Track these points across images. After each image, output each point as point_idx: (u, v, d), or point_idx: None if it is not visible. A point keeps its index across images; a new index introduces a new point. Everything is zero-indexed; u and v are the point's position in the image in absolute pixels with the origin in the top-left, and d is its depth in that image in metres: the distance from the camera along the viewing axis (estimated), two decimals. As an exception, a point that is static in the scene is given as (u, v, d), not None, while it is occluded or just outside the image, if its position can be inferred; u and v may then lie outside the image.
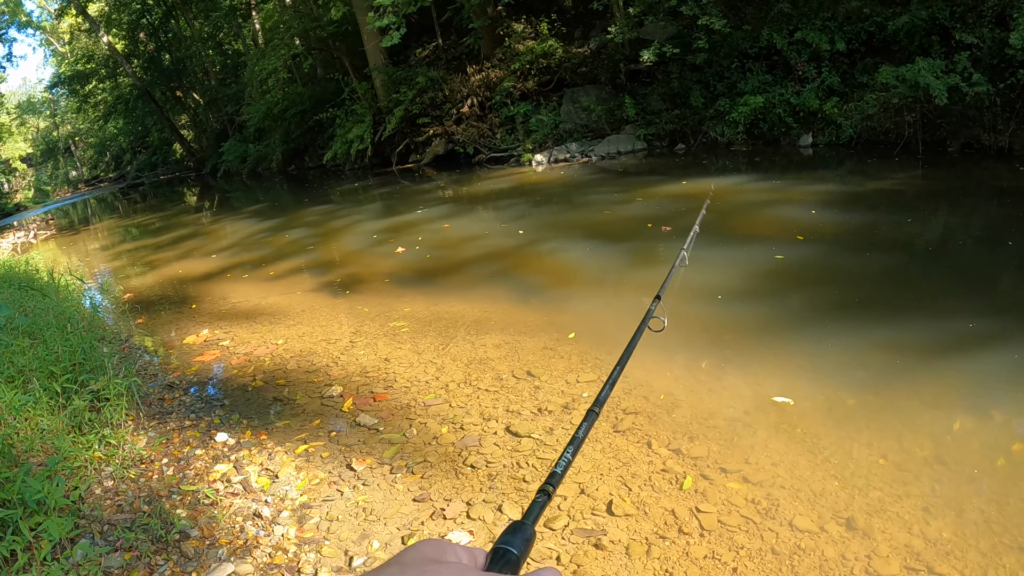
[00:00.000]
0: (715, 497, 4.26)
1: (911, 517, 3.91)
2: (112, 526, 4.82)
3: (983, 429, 4.73)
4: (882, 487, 4.17)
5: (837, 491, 4.18)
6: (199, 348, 8.83)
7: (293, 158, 35.84)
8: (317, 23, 28.84)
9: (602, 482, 4.55)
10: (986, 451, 4.47)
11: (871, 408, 5.06)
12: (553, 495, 1.01)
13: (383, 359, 7.30)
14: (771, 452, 4.62)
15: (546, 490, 1.01)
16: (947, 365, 5.65)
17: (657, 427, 5.11)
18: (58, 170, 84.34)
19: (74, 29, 54.01)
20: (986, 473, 4.27)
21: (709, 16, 17.66)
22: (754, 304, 7.51)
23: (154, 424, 6.53)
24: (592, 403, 1.30)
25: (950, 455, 4.44)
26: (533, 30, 24.33)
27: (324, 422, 6.08)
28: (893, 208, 10.83)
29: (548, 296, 8.89)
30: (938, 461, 4.38)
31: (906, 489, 4.14)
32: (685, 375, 5.92)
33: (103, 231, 28.01)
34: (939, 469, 4.31)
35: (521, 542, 0.85)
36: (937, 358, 5.77)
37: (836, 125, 16.05)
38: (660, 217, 11.91)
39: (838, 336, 6.37)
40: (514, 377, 6.35)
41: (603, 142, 20.72)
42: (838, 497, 4.12)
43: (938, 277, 7.77)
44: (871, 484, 4.21)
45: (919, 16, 14.90)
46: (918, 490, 4.13)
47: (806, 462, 4.48)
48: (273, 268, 12.96)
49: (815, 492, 4.19)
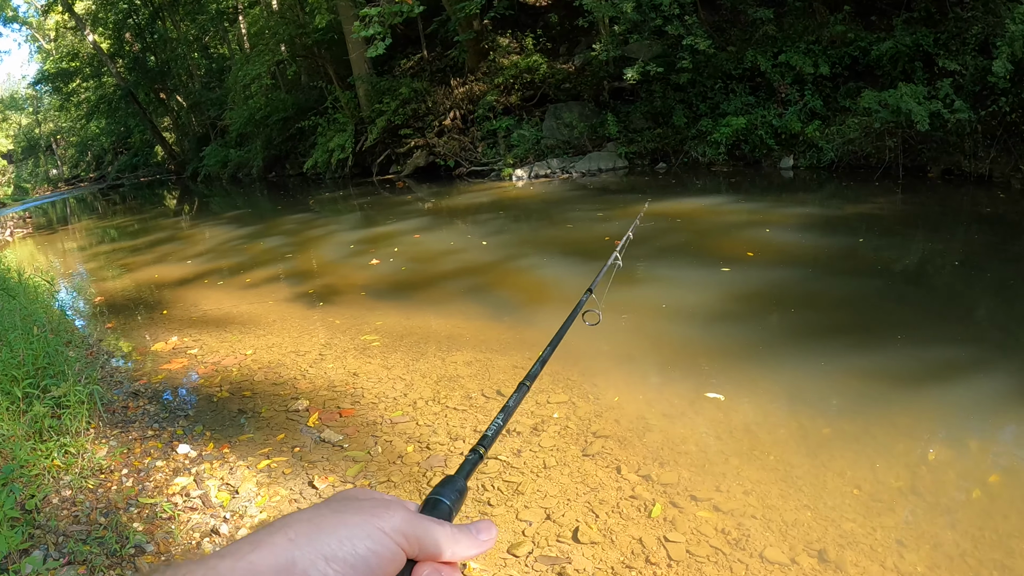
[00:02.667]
0: (684, 526, 4.16)
1: (884, 550, 3.82)
2: (67, 537, 4.68)
3: (959, 459, 4.65)
4: (855, 518, 4.08)
5: (810, 522, 4.08)
6: (167, 355, 8.67)
7: (274, 165, 35.64)
8: (303, 30, 28.71)
9: (569, 508, 4.43)
10: (962, 482, 4.40)
11: (846, 436, 4.97)
12: (484, 456, 1.02)
13: (352, 373, 7.17)
14: (743, 480, 4.52)
15: (477, 450, 1.01)
16: (923, 393, 5.59)
17: (628, 452, 5.00)
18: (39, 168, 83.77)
19: (60, 26, 53.64)
20: (961, 505, 4.19)
21: (694, 36, 17.68)
22: (730, 327, 7.42)
23: (116, 433, 6.37)
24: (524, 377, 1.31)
25: (925, 486, 4.36)
26: (518, 45, 24.34)
27: (288, 437, 5.94)
28: (872, 233, 10.79)
29: (522, 314, 8.78)
30: (913, 492, 4.30)
31: (880, 520, 4.05)
32: (658, 399, 5.82)
33: (80, 231, 27.75)
34: (914, 500, 4.23)
35: (452, 492, 0.85)
36: (913, 386, 5.70)
37: (817, 148, 16.07)
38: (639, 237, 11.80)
39: (814, 362, 6.29)
40: (483, 396, 6.23)
41: (584, 159, 20.68)
42: (810, 528, 4.03)
43: (915, 304, 7.71)
44: (844, 515, 4.11)
45: (903, 42, 14.96)
46: (892, 521, 4.04)
47: (778, 491, 4.38)
48: (247, 276, 12.80)
49: (787, 522, 4.09)
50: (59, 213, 39.36)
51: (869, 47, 16.01)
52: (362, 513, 0.71)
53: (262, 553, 0.66)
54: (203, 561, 0.65)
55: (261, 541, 0.67)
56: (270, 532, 0.69)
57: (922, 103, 13.17)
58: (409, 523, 0.73)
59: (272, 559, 0.65)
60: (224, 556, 0.66)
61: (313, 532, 0.68)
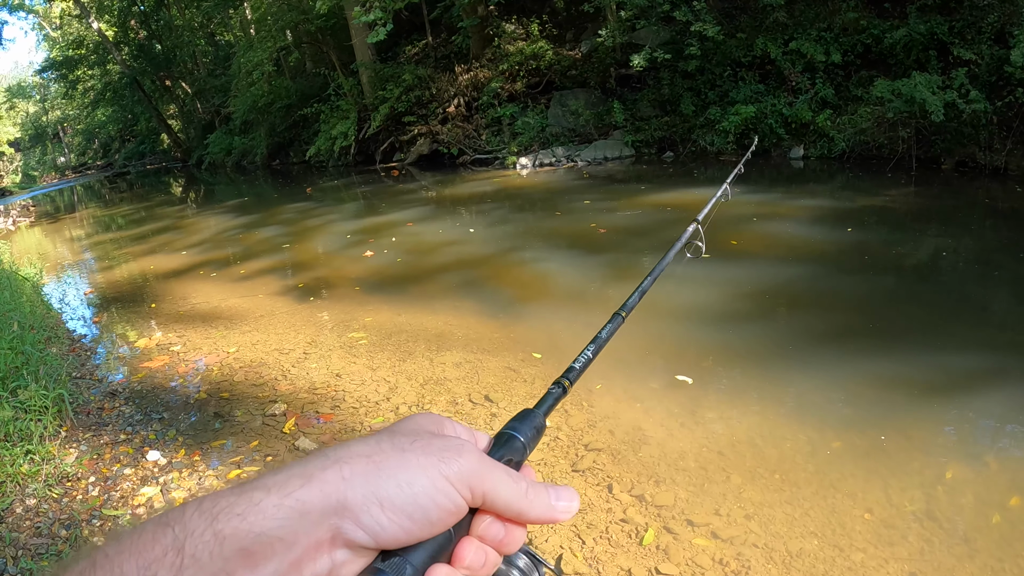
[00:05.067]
0: (678, 555, 3.79)
1: (897, 586, 3.47)
2: (27, 551, 4.40)
3: (977, 479, 4.29)
4: (866, 548, 3.72)
5: (816, 552, 3.72)
6: (150, 352, 8.36)
7: (277, 152, 35.41)
8: (305, 16, 28.39)
9: (553, 531, 4.07)
10: (981, 506, 4.04)
11: (857, 451, 4.60)
12: (569, 390, 0.95)
13: (335, 374, 6.83)
14: (745, 502, 4.15)
15: (562, 383, 0.94)
16: (939, 404, 5.19)
17: (621, 468, 4.63)
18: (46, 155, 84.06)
19: (65, 14, 53.51)
20: (980, 532, 3.82)
21: (702, 22, 17.32)
22: (735, 328, 7.04)
23: (88, 436, 6.08)
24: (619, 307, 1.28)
25: (941, 510, 3.99)
26: (524, 31, 23.99)
27: (262, 444, 5.60)
28: (884, 227, 10.41)
29: (518, 311, 8.41)
30: (928, 517, 3.93)
31: (892, 551, 3.69)
32: (657, 406, 5.43)
33: (83, 219, 27.57)
34: (929, 527, 3.86)
35: (530, 429, 0.79)
36: (927, 395, 5.31)
37: (828, 138, 15.70)
38: (643, 228, 11.50)
39: (823, 367, 5.91)
40: (471, 402, 5.88)
41: (590, 147, 20.32)
42: (817, 559, 3.66)
43: (930, 304, 7.30)
44: (854, 544, 3.75)
45: (917, 30, 14.58)
46: (906, 551, 3.68)
47: (783, 515, 4.01)
48: (241, 267, 12.50)
49: (791, 552, 3.73)
50: (65, 201, 39.29)
51: (882, 35, 15.62)
52: (428, 454, 0.64)
53: (311, 490, 0.59)
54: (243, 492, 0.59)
55: (312, 476, 0.60)
56: (322, 465, 0.61)
57: (936, 93, 12.82)
58: (478, 472, 0.65)
59: (321, 498, 0.59)
60: (270, 490, 0.59)
61: (371, 472, 0.61)
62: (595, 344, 1.09)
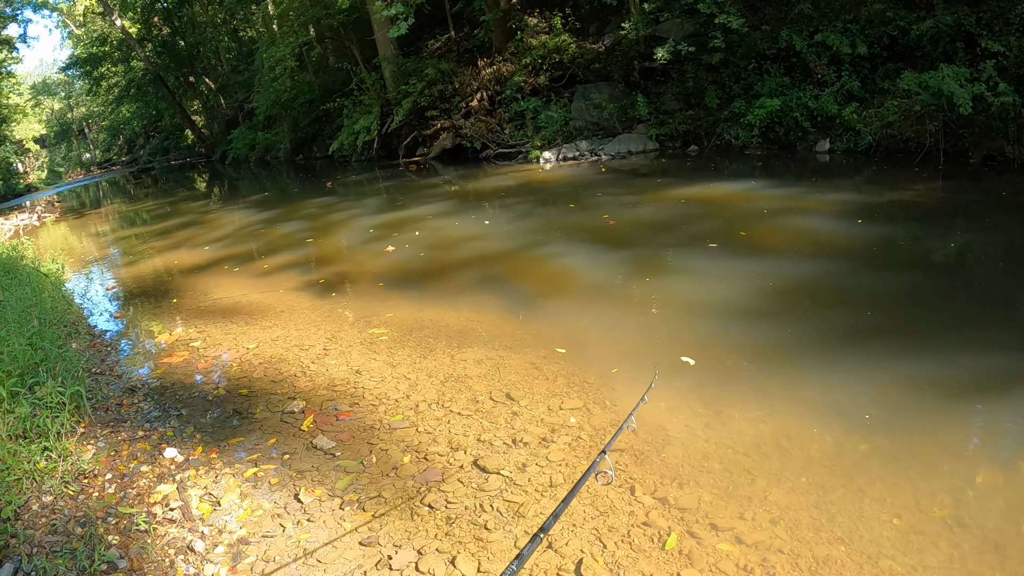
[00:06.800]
0: (702, 561, 3.69)
1: (927, 595, 3.36)
2: (42, 548, 4.35)
3: (1008, 484, 4.15)
4: (894, 555, 3.61)
5: (843, 559, 3.61)
6: (169, 348, 8.33)
7: (301, 147, 35.49)
8: (328, 11, 28.35)
9: (573, 535, 3.98)
10: (1011, 512, 3.91)
11: (884, 454, 4.47)
12: None
13: (354, 371, 6.76)
14: (770, 506, 4.04)
15: None
16: (968, 406, 5.04)
17: (643, 469, 4.53)
18: (71, 152, 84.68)
19: (89, 11, 53.78)
20: (1011, 538, 3.70)
21: (727, 15, 17.14)
22: (760, 325, 6.90)
23: (106, 433, 6.03)
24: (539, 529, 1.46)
25: (971, 516, 3.87)
26: (546, 24, 23.85)
27: (280, 442, 5.54)
28: (911, 222, 10.21)
29: (540, 307, 8.31)
30: (958, 523, 3.81)
31: (921, 558, 3.58)
32: (681, 406, 5.32)
33: (108, 215, 27.72)
34: (959, 533, 3.74)
35: None
36: (956, 396, 5.16)
37: (855, 132, 15.48)
38: (667, 223, 11.37)
39: (850, 367, 5.77)
40: (491, 399, 5.79)
41: (614, 141, 20.16)
42: (844, 567, 3.56)
43: (960, 303, 7.11)
44: (882, 551, 3.64)
45: (944, 22, 14.35)
46: (935, 559, 3.57)
47: (809, 520, 3.90)
48: (263, 263, 12.47)
49: (817, 559, 3.62)
50: (90, 196, 39.56)
51: (908, 26, 15.38)
52: None
53: None
54: None
55: None
56: None
57: (964, 85, 12.60)
58: None
59: None
60: None
61: None
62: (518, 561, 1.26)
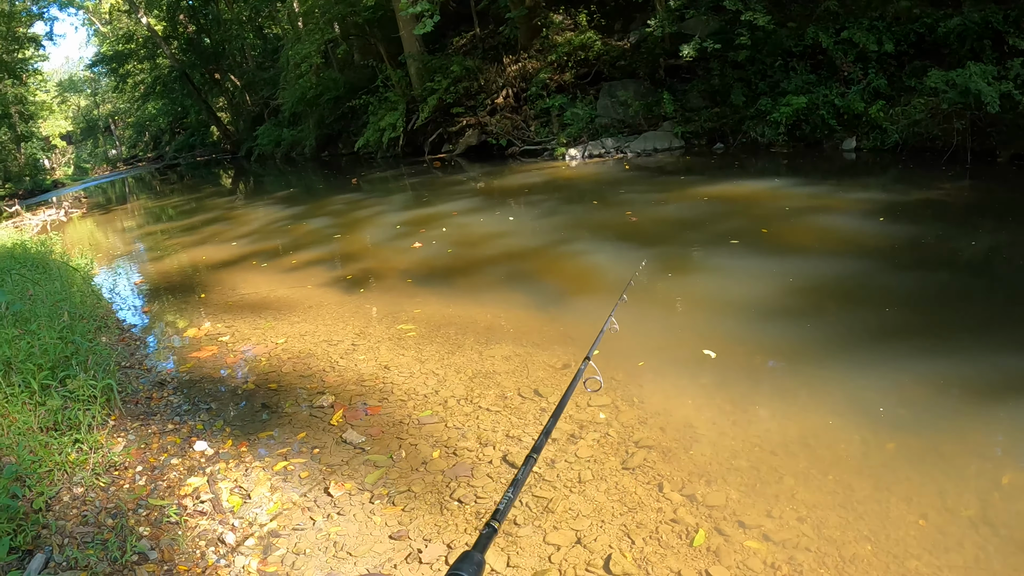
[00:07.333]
0: (729, 558, 3.71)
1: (953, 595, 3.36)
2: (73, 539, 4.41)
3: (1037, 485, 4.14)
4: (920, 555, 3.61)
5: (870, 558, 3.61)
6: (198, 342, 8.41)
7: (326, 144, 35.61)
8: (353, 8, 28.44)
9: (602, 531, 4.01)
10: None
11: (911, 454, 4.47)
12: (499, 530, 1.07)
13: (383, 366, 6.81)
14: (797, 504, 4.05)
15: (492, 525, 1.08)
16: (995, 407, 5.01)
17: (672, 466, 4.55)
18: (97, 148, 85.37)
19: (114, 9, 54.14)
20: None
21: (753, 12, 17.05)
22: (787, 323, 6.89)
23: (136, 426, 6.11)
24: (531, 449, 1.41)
25: (998, 516, 3.86)
26: (572, 21, 23.84)
27: (310, 436, 5.59)
28: (939, 221, 10.14)
29: (567, 304, 8.34)
30: (985, 523, 3.80)
31: (947, 558, 3.58)
32: (707, 404, 5.33)
33: (134, 210, 27.94)
34: (985, 534, 3.73)
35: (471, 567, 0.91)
36: (984, 398, 5.12)
37: (881, 130, 15.38)
38: (694, 221, 11.36)
39: (876, 365, 5.74)
40: (520, 396, 5.82)
41: (639, 138, 20.12)
42: (870, 566, 3.56)
43: (986, 303, 7.06)
44: (908, 551, 3.64)
45: (971, 19, 14.24)
46: (960, 560, 3.57)
47: (836, 519, 3.91)
48: (289, 259, 12.56)
49: (844, 558, 3.63)
50: (117, 192, 39.88)
51: (935, 24, 15.26)
52: None
53: None
54: None
55: None
56: None
57: (992, 84, 12.51)
58: None
59: None
60: None
61: None
62: (514, 487, 1.22)
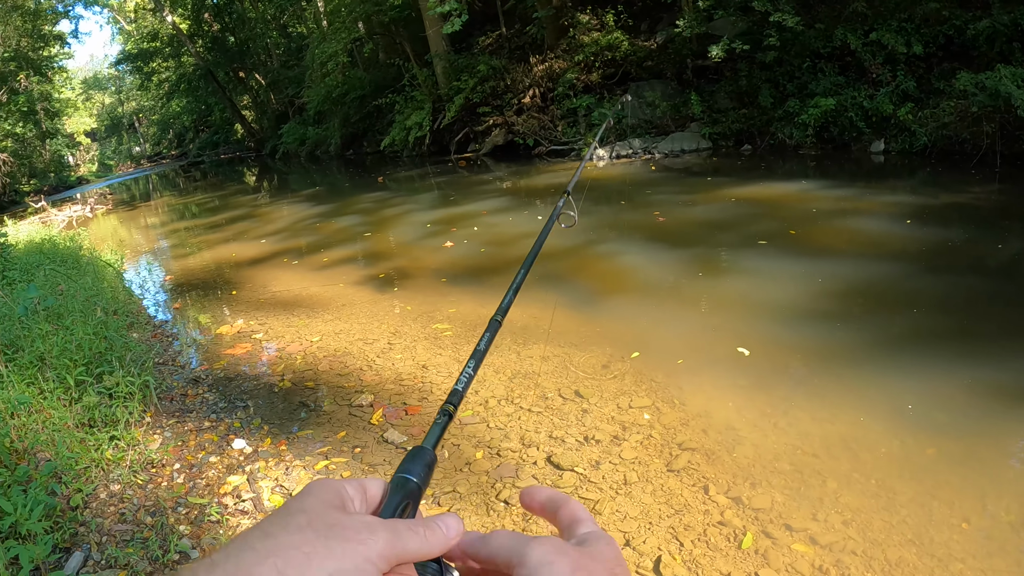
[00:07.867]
0: (778, 561, 3.72)
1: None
2: (111, 537, 4.44)
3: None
4: (964, 558, 3.61)
5: (915, 561, 3.62)
6: (231, 340, 8.47)
7: (351, 143, 35.73)
8: (379, 7, 28.52)
9: (650, 533, 4.03)
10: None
11: (952, 458, 4.47)
12: (454, 415, 0.97)
13: (421, 365, 6.84)
14: (842, 508, 4.06)
15: (447, 410, 0.96)
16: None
17: (716, 469, 4.56)
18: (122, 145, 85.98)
19: (139, 8, 54.48)
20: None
21: (781, 13, 16.99)
22: (822, 326, 6.87)
23: (172, 423, 6.17)
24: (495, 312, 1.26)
25: (1038, 521, 3.86)
26: (599, 21, 23.79)
27: (350, 435, 5.63)
28: (970, 225, 10.06)
29: (602, 304, 8.34)
30: (1026, 527, 3.81)
31: (991, 562, 3.58)
32: (748, 406, 5.34)
33: (159, 207, 28.10)
34: (1027, 538, 3.75)
35: (421, 468, 0.82)
36: (1019, 402, 5.10)
37: (910, 132, 15.30)
38: (724, 222, 11.34)
39: (914, 370, 5.72)
40: (561, 397, 5.83)
41: (667, 139, 20.09)
42: (916, 570, 3.57)
43: (1019, 308, 6.96)
44: (952, 554, 3.64)
45: (1001, 21, 14.15)
46: (1004, 563, 3.58)
47: (881, 522, 3.92)
48: (320, 256, 12.62)
49: (890, 561, 3.63)
50: (141, 189, 40.12)
51: (965, 26, 15.17)
52: (348, 540, 0.66)
53: None
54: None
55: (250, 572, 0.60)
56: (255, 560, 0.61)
57: (1021, 87, 12.43)
58: (392, 545, 0.68)
59: None
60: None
61: (303, 564, 0.62)
62: (475, 359, 1.09)
